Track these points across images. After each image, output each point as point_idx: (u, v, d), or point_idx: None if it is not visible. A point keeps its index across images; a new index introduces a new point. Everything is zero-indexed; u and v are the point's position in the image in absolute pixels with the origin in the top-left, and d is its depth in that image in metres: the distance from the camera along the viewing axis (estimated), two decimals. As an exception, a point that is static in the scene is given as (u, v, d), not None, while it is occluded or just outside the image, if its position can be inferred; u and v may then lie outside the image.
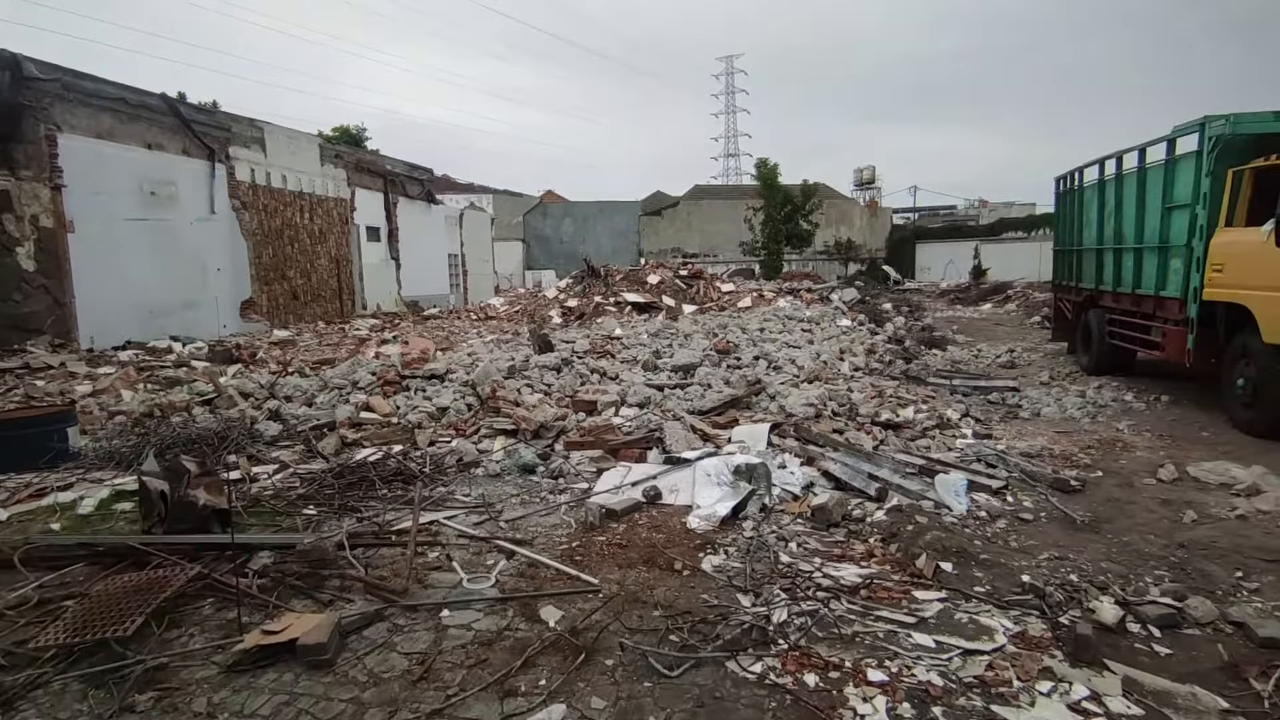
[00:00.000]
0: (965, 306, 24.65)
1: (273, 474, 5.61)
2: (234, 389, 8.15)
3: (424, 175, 22.50)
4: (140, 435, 6.44)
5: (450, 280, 24.12)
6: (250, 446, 6.31)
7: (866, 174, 53.07)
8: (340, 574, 3.76)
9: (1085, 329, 9.79)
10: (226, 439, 6.26)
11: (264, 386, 8.32)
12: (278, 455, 6.12)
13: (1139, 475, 5.27)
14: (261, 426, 6.79)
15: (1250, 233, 6.11)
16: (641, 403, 7.13)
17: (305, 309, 17.88)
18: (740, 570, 3.76)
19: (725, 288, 18.32)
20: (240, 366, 10.45)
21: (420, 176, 22.28)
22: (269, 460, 6.01)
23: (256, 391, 8.13)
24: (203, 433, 6.30)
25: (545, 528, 4.48)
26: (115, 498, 5.11)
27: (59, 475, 5.62)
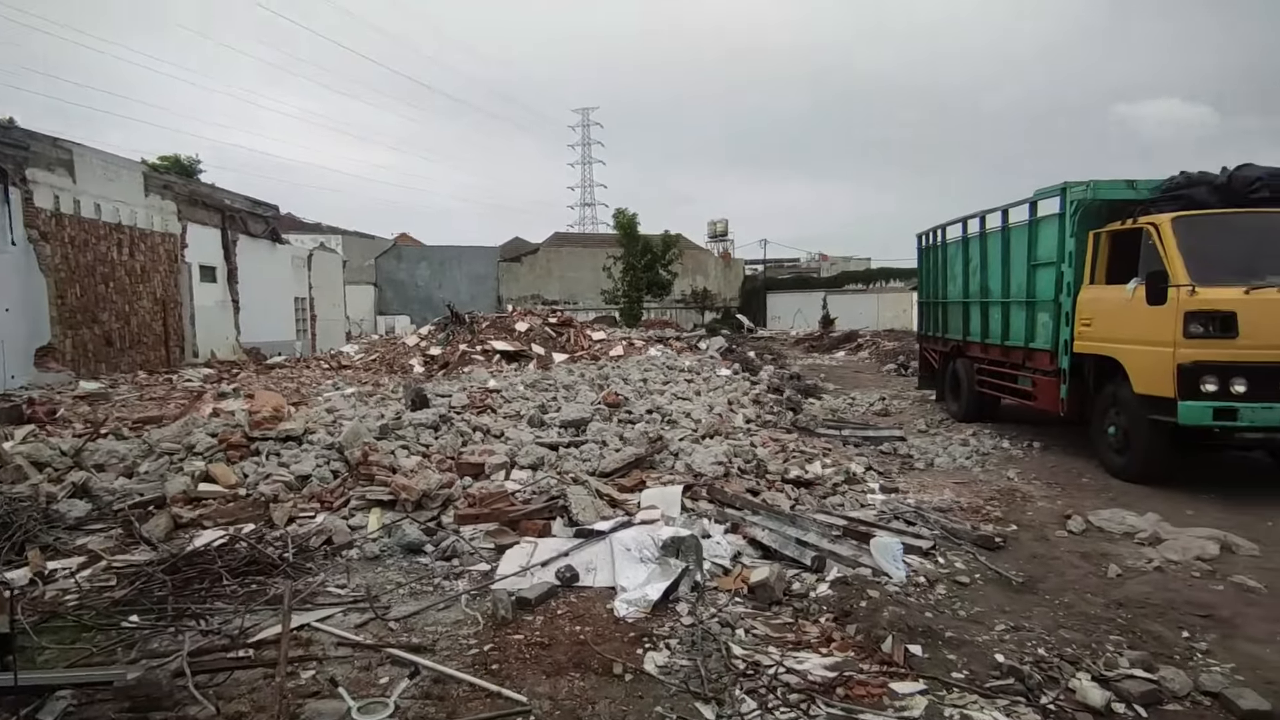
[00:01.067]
0: (821, 354, 25.81)
1: (77, 570, 4.47)
2: (23, 457, 6.66)
3: (268, 212, 20.70)
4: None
5: (297, 326, 22.17)
6: (46, 534, 5.08)
7: (720, 226, 55.35)
8: (180, 718, 2.87)
9: (954, 378, 10.25)
10: (10, 526, 4.97)
11: (66, 453, 6.87)
12: (85, 544, 4.94)
13: (1049, 527, 5.30)
14: (62, 506, 5.51)
15: (1115, 290, 6.52)
16: (534, 464, 6.48)
17: (122, 356, 15.63)
18: (692, 670, 3.24)
19: (596, 336, 17.98)
20: (34, 427, 8.69)
21: (264, 213, 20.46)
22: (72, 551, 4.83)
23: (55, 459, 6.69)
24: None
25: (447, 626, 3.75)
26: None
27: None
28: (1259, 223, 6.17)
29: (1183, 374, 5.73)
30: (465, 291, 43.90)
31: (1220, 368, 5.63)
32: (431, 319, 38.57)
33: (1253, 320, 5.58)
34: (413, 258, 43.93)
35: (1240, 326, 5.59)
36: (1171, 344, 5.79)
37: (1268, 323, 5.58)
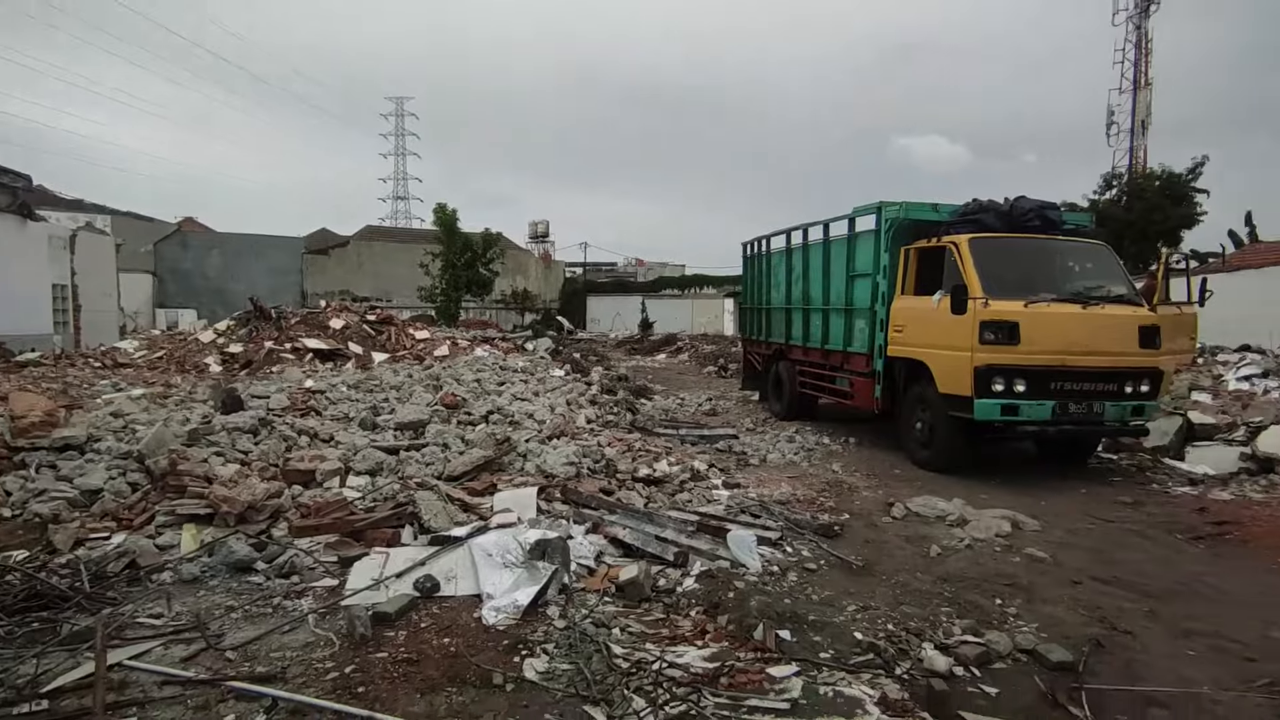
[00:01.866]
0: (643, 356, 26.50)
1: None
2: None
3: (18, 183, 17.64)
4: None
5: (56, 317, 19.06)
6: None
7: (541, 227, 55.16)
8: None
9: (776, 379, 10.95)
10: None
11: None
12: None
13: (875, 514, 5.81)
14: None
15: (923, 300, 7.30)
16: (373, 470, 6.07)
17: None
18: (575, 673, 3.18)
19: (419, 335, 17.14)
20: None
21: (12, 184, 17.41)
22: None
23: None
24: None
25: (296, 650, 3.39)
26: None
27: None
28: (1033, 246, 7.22)
29: (978, 375, 6.54)
30: (264, 285, 39.92)
31: (1006, 370, 6.50)
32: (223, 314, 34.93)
33: (1030, 329, 6.50)
34: (201, 245, 39.47)
35: (1021, 334, 6.49)
36: (969, 349, 6.59)
37: (1041, 332, 6.53)
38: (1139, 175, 30.69)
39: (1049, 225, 7.31)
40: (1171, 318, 7.21)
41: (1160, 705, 3.08)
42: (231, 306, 36.96)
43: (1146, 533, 5.44)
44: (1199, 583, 4.46)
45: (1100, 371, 6.63)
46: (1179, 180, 27.41)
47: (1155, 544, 5.21)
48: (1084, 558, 4.87)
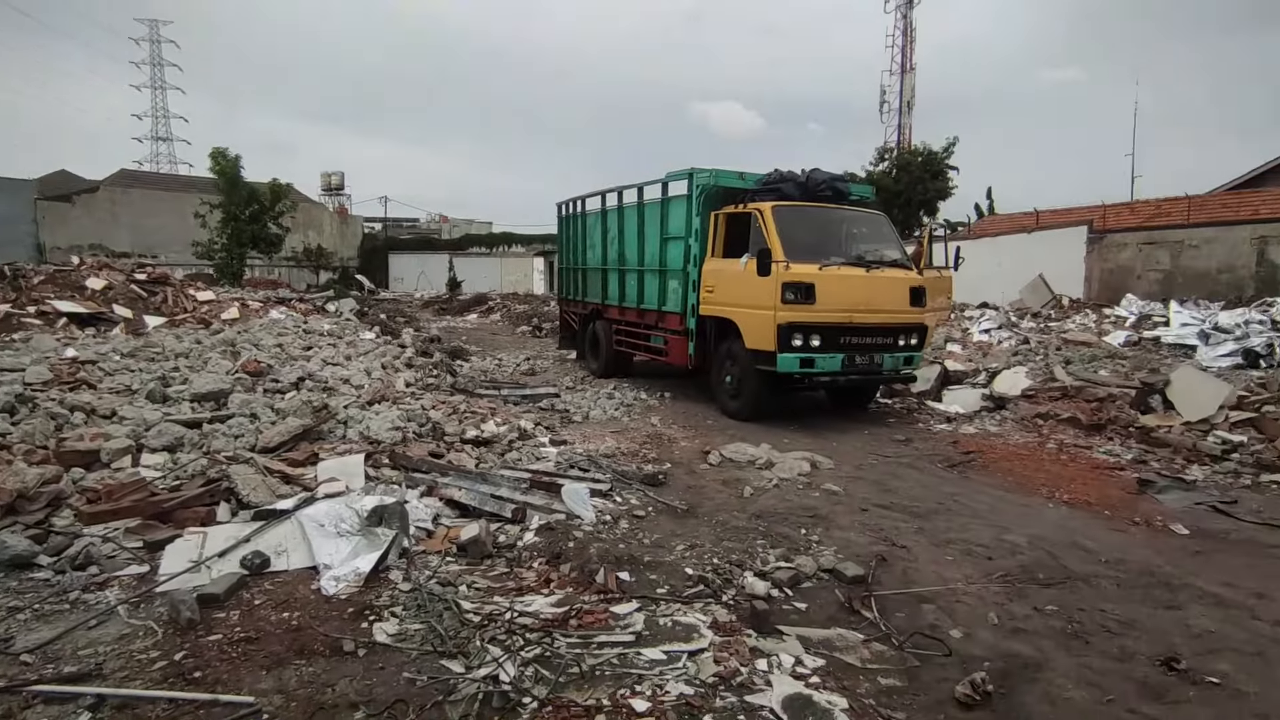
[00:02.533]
0: (453, 316, 25.82)
1: None
2: None
3: None
4: None
5: None
6: None
7: (335, 179, 51.18)
8: None
9: (593, 338, 11.25)
10: None
11: None
12: None
13: (694, 462, 6.29)
14: None
15: (732, 263, 7.87)
16: (171, 445, 5.54)
17: None
18: (427, 631, 3.24)
19: (203, 296, 15.45)
20: None
21: None
22: None
23: None
24: None
25: (110, 644, 3.13)
26: None
27: None
28: (825, 215, 8.02)
29: (780, 332, 7.22)
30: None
31: (804, 327, 7.24)
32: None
33: (824, 290, 7.27)
34: (-108, 186, 32.31)
35: (817, 295, 7.24)
36: (773, 308, 7.24)
37: (832, 293, 7.32)
38: (906, 151, 34.39)
39: (839, 196, 8.15)
40: (933, 280, 8.37)
41: (928, 601, 3.73)
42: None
43: (915, 464, 6.40)
44: (953, 502, 5.36)
45: (879, 327, 7.59)
46: (937, 157, 31.12)
47: (922, 473, 6.15)
48: (869, 488, 5.65)
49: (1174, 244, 21.03)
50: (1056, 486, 5.72)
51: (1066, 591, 3.89)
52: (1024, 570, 4.13)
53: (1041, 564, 4.21)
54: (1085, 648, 3.32)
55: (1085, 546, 4.49)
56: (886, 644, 3.33)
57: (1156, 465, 6.27)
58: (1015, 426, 7.73)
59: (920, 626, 3.46)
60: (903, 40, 44.09)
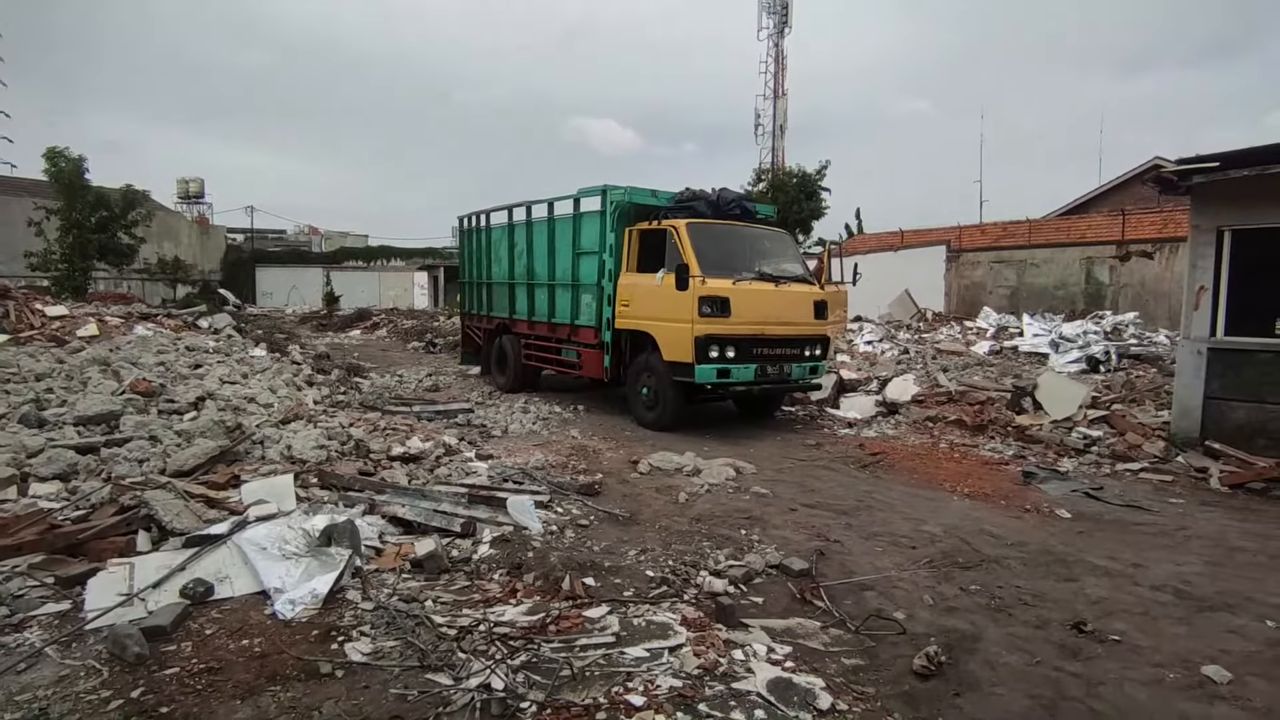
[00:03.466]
0: (335, 333, 24.66)
1: None
2: None
3: None
4: None
5: None
6: None
7: (194, 186, 47.63)
8: None
9: (500, 353, 11.16)
10: None
11: None
12: None
13: (624, 471, 6.43)
14: None
15: (648, 277, 8.11)
16: (64, 473, 5.10)
17: None
18: (404, 647, 3.20)
19: (53, 312, 14.02)
20: None
21: None
22: None
23: None
24: None
25: (48, 687, 2.90)
26: None
27: None
28: (736, 232, 8.42)
29: (698, 344, 7.51)
30: None
31: (720, 339, 7.57)
32: None
33: (738, 304, 7.64)
34: None
35: (731, 308, 7.59)
36: (690, 321, 7.53)
37: (746, 306, 7.71)
38: (781, 172, 36.17)
39: (746, 214, 8.59)
40: (832, 294, 8.96)
41: (869, 589, 4.06)
42: None
43: (830, 466, 6.85)
44: (871, 499, 5.79)
45: (788, 339, 8.05)
46: (810, 179, 32.95)
47: (837, 474, 6.59)
48: (793, 490, 5.99)
49: (1019, 263, 23.38)
50: (956, 482, 6.30)
51: (984, 573, 4.34)
52: (945, 556, 4.56)
53: (958, 550, 4.66)
54: (1009, 619, 3.74)
55: (991, 532, 5.00)
56: (842, 628, 3.61)
57: (1034, 460, 7.03)
58: (910, 429, 8.40)
59: (868, 611, 3.77)
60: (775, 67, 46.55)
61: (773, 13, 45.55)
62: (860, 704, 2.94)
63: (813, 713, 2.85)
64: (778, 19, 45.66)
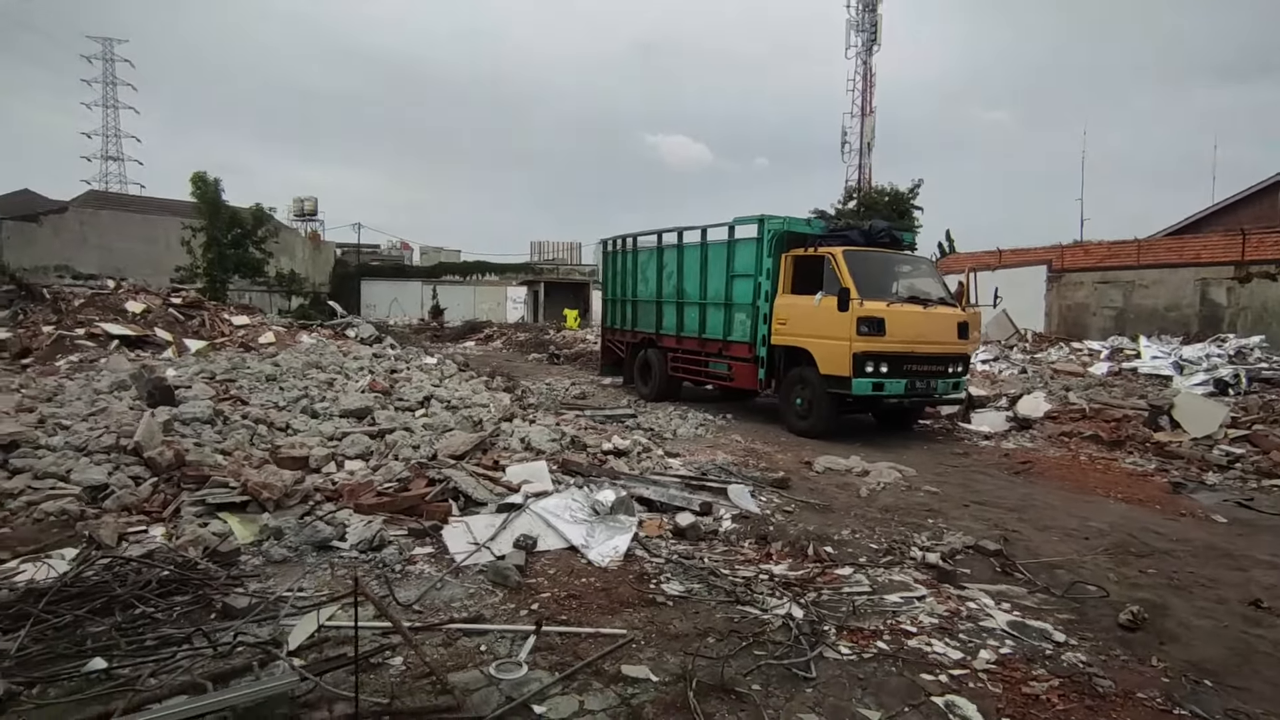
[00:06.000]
0: (449, 344, 26.36)
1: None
2: None
3: None
4: None
5: None
6: None
7: (309, 205, 51.12)
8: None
9: (644, 365, 12.22)
10: None
11: None
12: None
13: (800, 471, 7.31)
14: None
15: (805, 299, 9.00)
16: (363, 454, 6.33)
17: None
18: (706, 588, 4.16)
19: (238, 321, 15.91)
20: None
21: None
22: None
23: None
24: None
25: (467, 600, 3.98)
26: None
27: None
28: (885, 259, 9.25)
29: (855, 360, 8.35)
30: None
31: (876, 356, 8.39)
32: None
33: (892, 324, 8.45)
34: None
35: (886, 328, 8.41)
36: (848, 339, 8.37)
37: (899, 326, 8.51)
38: (872, 191, 36.53)
39: (895, 242, 9.41)
40: (971, 315, 9.65)
41: (1059, 567, 4.82)
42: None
43: (984, 471, 7.56)
44: (1033, 500, 6.50)
45: (935, 356, 8.80)
46: (903, 197, 33.25)
47: (993, 479, 7.30)
48: (958, 490, 6.75)
49: (1126, 284, 23.15)
50: (1107, 488, 6.93)
51: (1157, 560, 5.03)
52: (1117, 547, 5.26)
53: (1128, 543, 5.35)
54: (1190, 595, 4.44)
55: (1155, 530, 5.67)
56: (1045, 594, 4.39)
57: (1178, 473, 7.56)
58: (1046, 443, 8.99)
59: (1063, 584, 4.53)
60: (863, 85, 46.88)
61: (861, 30, 46.01)
62: (1085, 642, 3.74)
63: (1051, 644, 3.67)
64: (866, 36, 46.08)
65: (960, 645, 3.58)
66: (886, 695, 3.11)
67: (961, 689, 3.16)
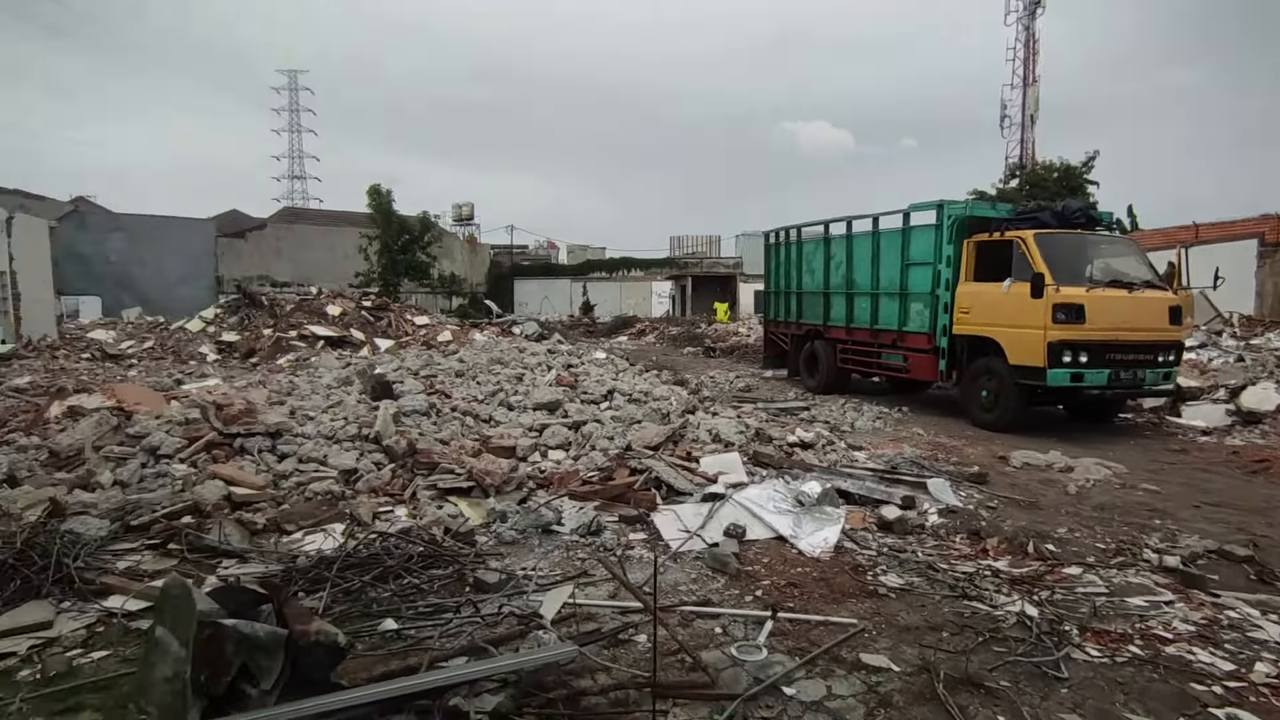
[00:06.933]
0: (602, 339, 27.21)
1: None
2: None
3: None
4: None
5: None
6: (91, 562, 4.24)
7: (466, 210, 54.30)
8: (603, 691, 2.98)
9: (810, 357, 12.10)
10: (47, 555, 4.07)
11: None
12: (139, 566, 4.26)
13: (996, 466, 7.00)
14: (80, 526, 4.57)
15: (990, 286, 8.58)
16: (563, 444, 6.72)
17: None
18: (930, 583, 4.11)
19: (419, 321, 17.29)
20: None
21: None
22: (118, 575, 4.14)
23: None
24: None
25: (692, 584, 4.15)
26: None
27: None
28: (1082, 240, 8.63)
29: (1050, 349, 7.87)
30: (174, 270, 37.79)
31: (1074, 345, 7.87)
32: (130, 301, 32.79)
33: (1093, 310, 7.89)
34: (101, 227, 36.74)
35: (1086, 315, 7.86)
36: (1043, 327, 7.90)
37: (1100, 312, 7.93)
38: (1039, 167, 33.94)
39: (1092, 223, 8.77)
40: (1184, 299, 8.82)
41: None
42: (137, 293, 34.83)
43: (1212, 470, 6.92)
44: (1278, 503, 5.88)
45: (1143, 344, 8.13)
46: (1076, 172, 30.64)
47: (1223, 477, 6.67)
48: (1183, 490, 6.22)
49: (1361, 258, 20.16)
50: (1371, 490, 6.14)
51: None
52: (1399, 556, 4.66)
53: None
54: None
55: None
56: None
57: None
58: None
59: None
60: (1024, 52, 43.55)
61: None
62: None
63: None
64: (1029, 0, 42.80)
65: (1229, 656, 3.34)
66: (1153, 701, 2.97)
67: (1243, 703, 2.96)
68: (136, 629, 3.48)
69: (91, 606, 3.70)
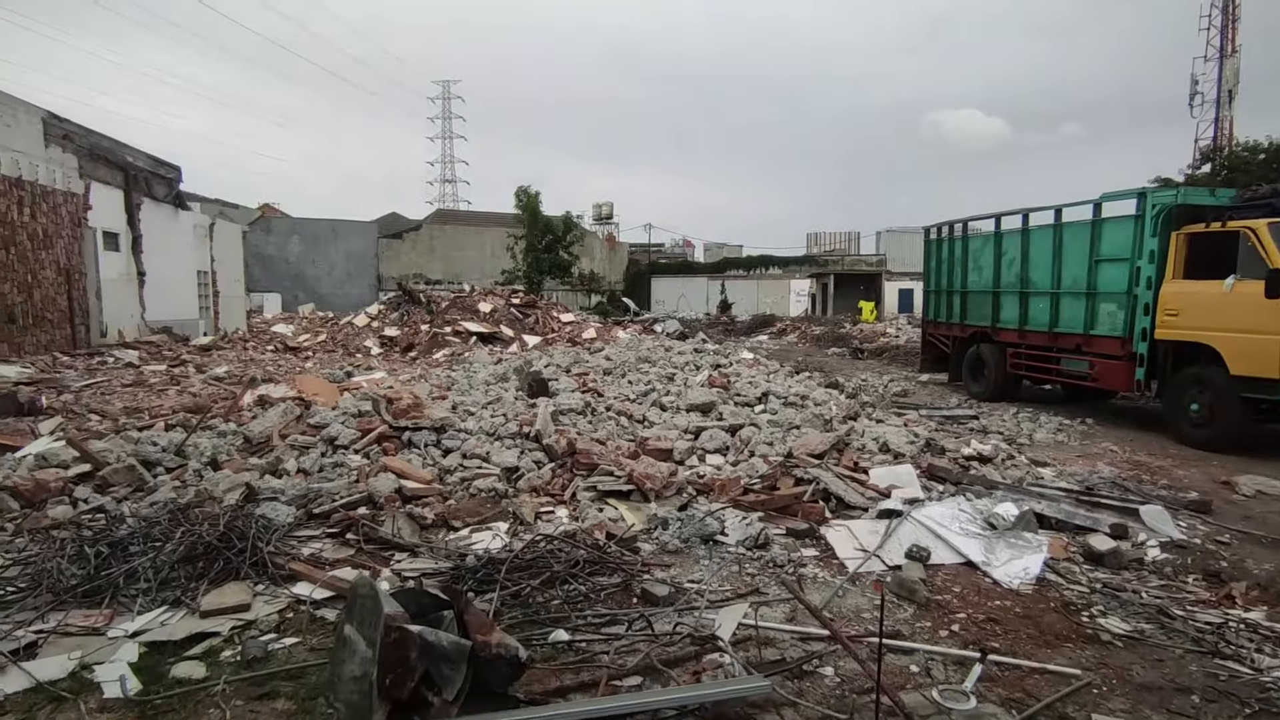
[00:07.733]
0: (742, 338, 26.76)
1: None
2: (129, 455, 5.74)
3: (171, 174, 18.31)
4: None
5: (201, 303, 19.85)
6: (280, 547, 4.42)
7: (605, 209, 55.42)
8: None
9: (975, 361, 11.18)
10: (244, 538, 4.27)
11: (167, 450, 5.99)
12: (320, 554, 4.38)
13: (1217, 492, 6.08)
14: (270, 511, 4.81)
15: (1206, 284, 7.49)
16: (721, 448, 6.48)
17: (25, 336, 13.37)
18: (1166, 632, 3.53)
19: (565, 318, 17.65)
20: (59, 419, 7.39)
21: (167, 175, 18.08)
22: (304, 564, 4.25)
23: (164, 459, 5.85)
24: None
25: (871, 611, 3.77)
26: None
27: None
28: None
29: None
30: (342, 269, 41.13)
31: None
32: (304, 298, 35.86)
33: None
34: (283, 231, 40.44)
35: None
36: (1278, 333, 6.79)
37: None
38: (1240, 148, 30.08)
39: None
40: None
41: None
42: (311, 291, 38.04)
43: None
44: None
45: None
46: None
47: None
48: None
49: None
50: None
51: None
52: None
53: None
54: None
55: None
56: None
57: None
58: None
59: None
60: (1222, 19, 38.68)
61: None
62: None
63: None
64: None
65: None
66: None
67: None
68: (322, 618, 3.58)
69: (282, 591, 3.84)
